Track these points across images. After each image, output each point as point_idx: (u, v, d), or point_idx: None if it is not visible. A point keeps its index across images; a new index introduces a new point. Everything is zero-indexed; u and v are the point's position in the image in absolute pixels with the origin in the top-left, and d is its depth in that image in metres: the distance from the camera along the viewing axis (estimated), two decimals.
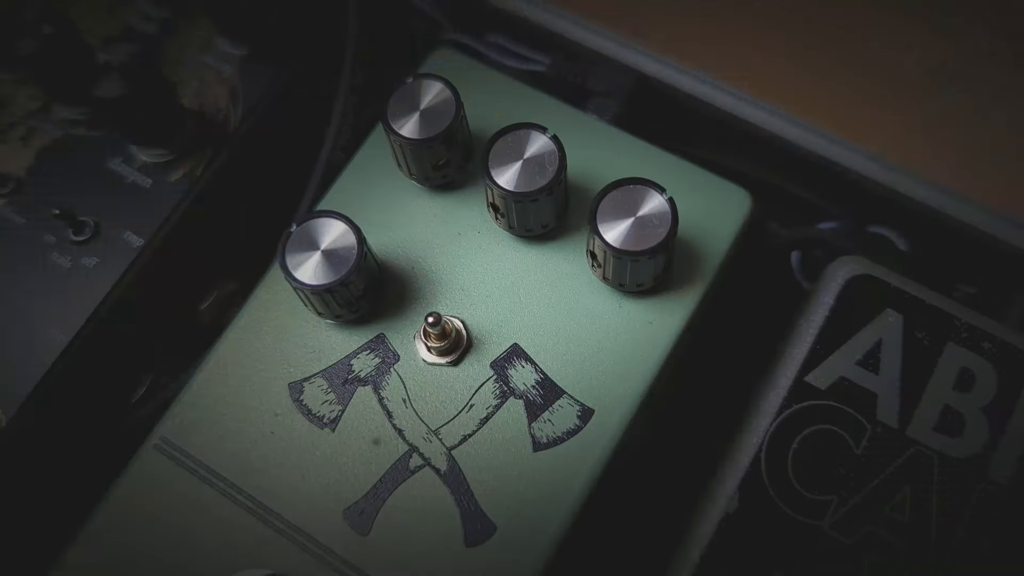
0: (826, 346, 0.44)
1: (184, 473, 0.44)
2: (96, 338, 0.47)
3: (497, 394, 0.44)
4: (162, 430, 0.45)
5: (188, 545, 0.43)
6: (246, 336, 0.46)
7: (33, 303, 0.47)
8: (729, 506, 0.42)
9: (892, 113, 0.57)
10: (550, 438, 0.43)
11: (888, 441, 0.42)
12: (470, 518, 0.42)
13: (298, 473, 0.43)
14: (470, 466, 0.43)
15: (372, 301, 0.45)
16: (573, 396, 0.44)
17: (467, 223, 0.47)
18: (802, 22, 0.66)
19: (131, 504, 0.43)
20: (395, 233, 0.47)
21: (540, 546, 0.41)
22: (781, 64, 0.63)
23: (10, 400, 0.45)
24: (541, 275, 0.46)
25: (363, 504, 0.43)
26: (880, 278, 0.45)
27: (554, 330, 0.45)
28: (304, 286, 0.42)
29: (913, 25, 0.63)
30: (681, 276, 0.46)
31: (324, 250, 0.42)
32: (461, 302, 0.46)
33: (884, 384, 0.43)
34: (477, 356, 0.45)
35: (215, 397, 0.45)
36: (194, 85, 0.51)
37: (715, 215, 0.47)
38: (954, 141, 0.57)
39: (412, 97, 0.44)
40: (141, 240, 0.48)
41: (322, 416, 0.44)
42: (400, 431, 0.44)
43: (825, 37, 0.65)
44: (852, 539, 0.41)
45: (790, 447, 0.42)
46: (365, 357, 0.45)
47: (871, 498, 0.41)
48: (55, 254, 0.48)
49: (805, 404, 0.43)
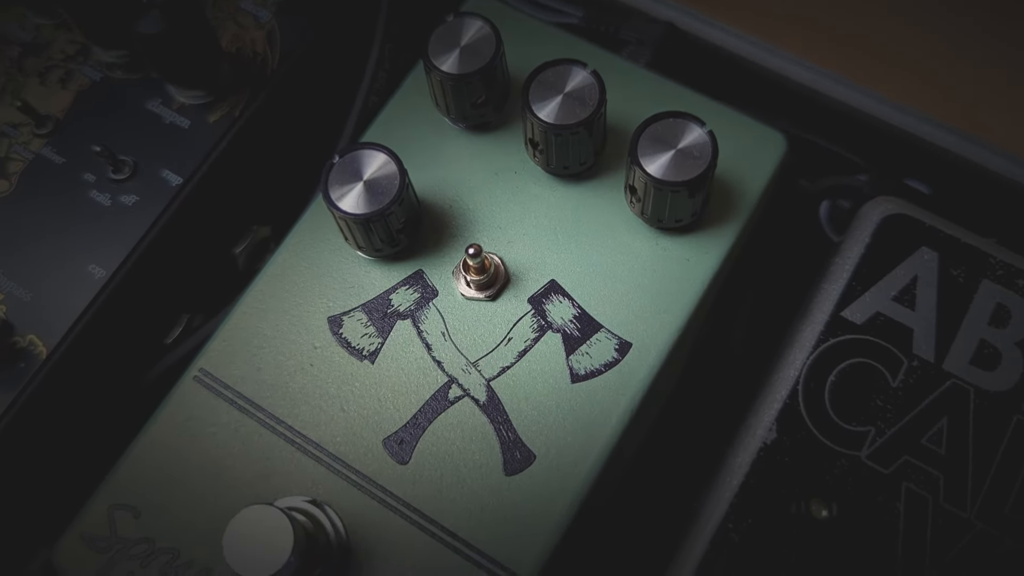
0: (862, 283, 0.44)
1: (223, 404, 0.44)
2: (134, 275, 0.47)
3: (535, 328, 0.44)
4: (201, 362, 0.45)
5: (228, 474, 0.43)
6: (285, 271, 0.46)
7: (73, 240, 0.48)
8: (767, 437, 0.42)
9: (918, 62, 0.57)
10: (588, 370, 0.43)
11: (925, 374, 0.42)
12: (509, 447, 0.42)
13: (337, 404, 0.44)
14: (509, 397, 0.43)
15: (411, 236, 0.45)
16: (611, 330, 0.44)
17: (504, 163, 0.48)
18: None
19: (171, 433, 0.44)
20: (433, 173, 0.47)
21: (579, 475, 0.42)
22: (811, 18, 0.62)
23: (51, 333, 0.46)
24: (578, 213, 0.46)
25: (403, 434, 0.43)
26: (915, 217, 0.45)
27: (591, 267, 0.45)
28: (347, 215, 0.42)
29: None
30: (717, 215, 0.46)
31: (367, 180, 0.42)
32: (499, 240, 0.46)
33: (920, 319, 0.43)
34: (515, 291, 0.45)
35: (254, 330, 0.45)
36: (232, 29, 0.52)
37: (751, 156, 0.47)
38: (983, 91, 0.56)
39: (453, 34, 0.45)
40: (180, 179, 0.48)
41: (361, 349, 0.44)
42: (439, 363, 0.44)
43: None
44: (890, 469, 0.41)
45: (827, 380, 0.43)
46: (404, 292, 0.45)
47: (908, 429, 0.42)
48: (94, 192, 0.49)
49: (842, 338, 0.43)
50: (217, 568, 0.41)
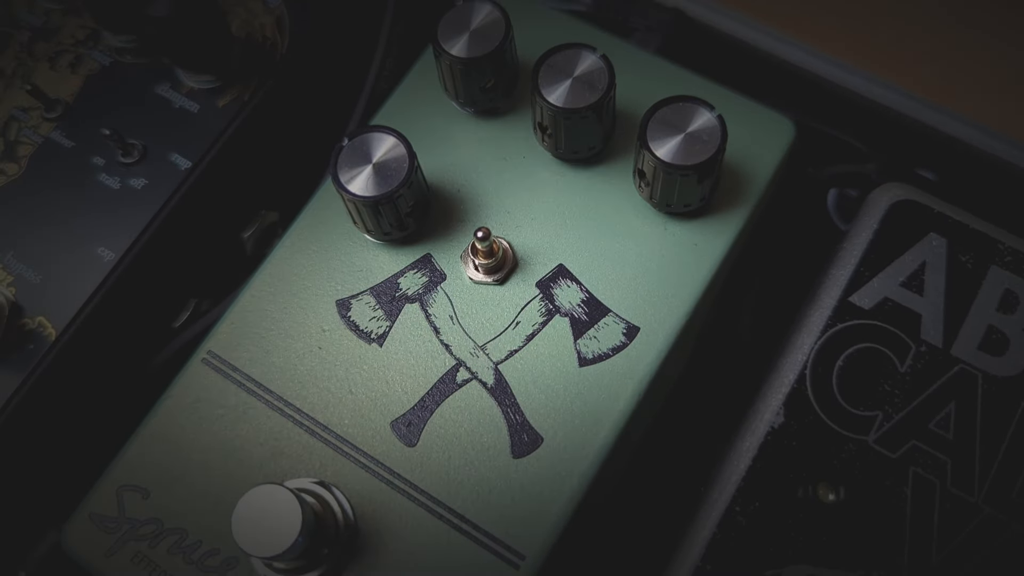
0: (870, 268, 0.44)
1: (232, 386, 0.44)
2: (143, 258, 0.48)
3: (543, 312, 0.44)
4: (209, 344, 0.45)
5: (236, 455, 0.43)
6: (294, 254, 0.46)
7: (82, 223, 0.48)
8: (775, 421, 0.42)
9: (921, 47, 0.57)
10: (596, 354, 0.43)
11: (933, 359, 0.42)
12: (517, 430, 0.42)
13: (345, 387, 0.44)
14: (517, 380, 0.43)
15: (419, 220, 0.45)
16: (619, 314, 0.44)
17: (512, 148, 0.48)
18: None
19: (180, 415, 0.44)
20: (441, 157, 0.48)
21: (587, 457, 0.42)
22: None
23: (60, 315, 0.46)
24: (586, 198, 0.46)
25: (410, 416, 0.43)
26: (924, 203, 0.45)
27: (599, 251, 0.45)
28: (356, 198, 0.42)
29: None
30: (725, 201, 0.46)
31: (376, 163, 0.43)
32: (507, 224, 0.46)
33: (928, 305, 0.43)
34: (523, 276, 0.45)
35: (262, 313, 0.45)
36: (241, 14, 0.52)
37: (759, 143, 0.47)
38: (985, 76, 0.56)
39: (462, 19, 0.45)
40: (188, 162, 0.49)
41: (370, 332, 0.45)
42: (447, 346, 0.44)
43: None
44: (897, 453, 0.41)
45: (835, 364, 0.43)
46: (412, 276, 0.45)
47: (916, 414, 0.42)
48: (103, 175, 0.49)
49: (850, 323, 0.43)
50: (225, 548, 0.42)
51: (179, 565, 0.42)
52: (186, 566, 0.41)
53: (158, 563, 0.42)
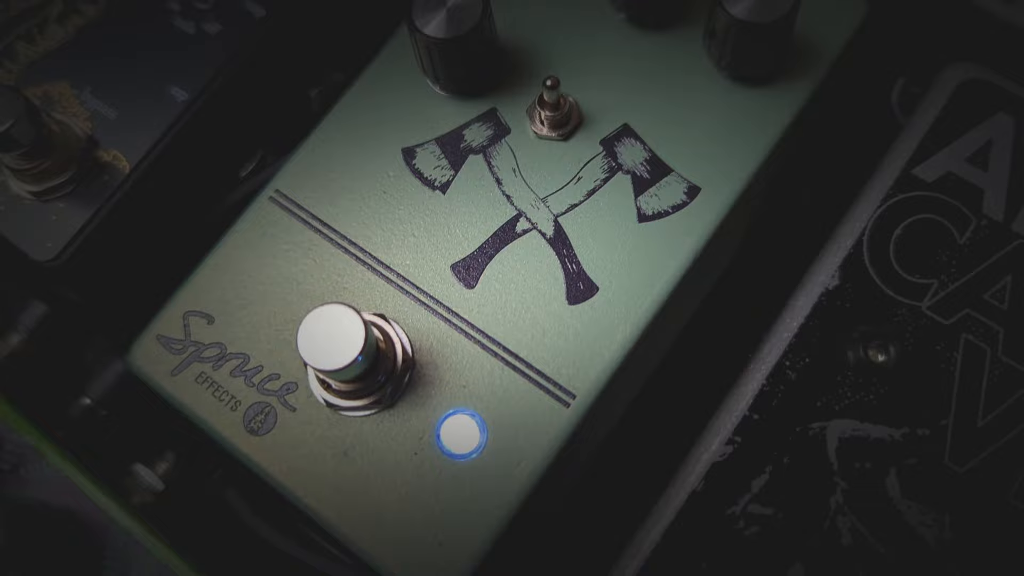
0: (935, 143, 0.44)
1: (297, 224, 0.45)
2: (214, 101, 0.49)
3: (605, 169, 0.45)
4: (277, 183, 0.46)
5: (300, 288, 0.44)
6: (361, 101, 0.47)
7: (157, 64, 0.49)
8: (829, 283, 0.42)
9: None
10: (656, 211, 0.44)
11: (992, 233, 0.43)
12: (573, 278, 0.43)
13: (408, 229, 0.45)
14: (575, 232, 0.44)
15: (488, 72, 0.46)
16: (681, 174, 0.44)
17: (585, 9, 0.48)
18: None
19: (246, 247, 0.45)
20: (514, 12, 0.48)
21: (641, 308, 0.42)
22: None
23: (134, 150, 0.47)
24: (655, 62, 0.46)
25: (470, 260, 0.44)
26: (994, 82, 0.45)
27: (665, 113, 0.46)
28: (429, 38, 0.43)
29: None
30: (792, 72, 0.46)
31: (450, 7, 0.43)
32: (575, 83, 0.46)
33: (992, 181, 0.43)
34: (587, 133, 0.46)
35: (329, 155, 0.46)
36: None
37: (831, 17, 0.47)
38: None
39: None
40: (264, 11, 0.49)
41: (433, 180, 0.45)
42: (509, 197, 0.45)
43: None
44: (950, 320, 0.41)
45: (893, 233, 0.43)
46: (477, 128, 0.46)
47: (971, 284, 0.42)
48: (179, 19, 0.50)
49: (911, 194, 0.43)
50: (286, 373, 0.43)
51: (240, 387, 0.43)
52: (247, 388, 0.43)
53: (220, 383, 0.43)
